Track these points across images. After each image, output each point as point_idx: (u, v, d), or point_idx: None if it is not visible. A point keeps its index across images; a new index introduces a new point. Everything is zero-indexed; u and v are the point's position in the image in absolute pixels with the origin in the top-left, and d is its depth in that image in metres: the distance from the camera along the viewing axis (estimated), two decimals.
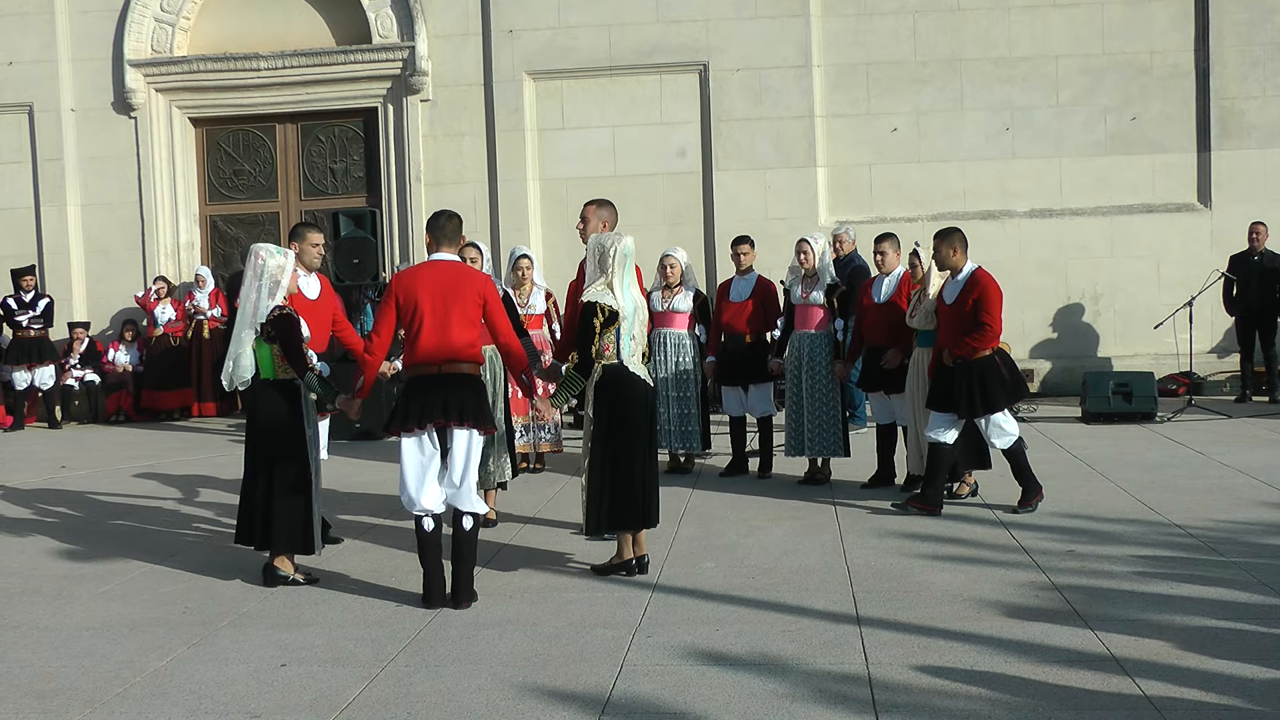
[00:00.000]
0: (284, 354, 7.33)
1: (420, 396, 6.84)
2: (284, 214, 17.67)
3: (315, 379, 7.43)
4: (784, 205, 16.30)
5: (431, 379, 6.86)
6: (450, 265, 7.06)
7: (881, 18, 16.36)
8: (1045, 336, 16.26)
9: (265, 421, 7.43)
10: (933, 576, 7.19)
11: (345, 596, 7.16)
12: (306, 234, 8.67)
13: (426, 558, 6.91)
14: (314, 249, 8.65)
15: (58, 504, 10.50)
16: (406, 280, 6.98)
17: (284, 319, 7.34)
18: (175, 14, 17.28)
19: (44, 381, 16.44)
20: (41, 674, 5.92)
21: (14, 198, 17.49)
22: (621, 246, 7.34)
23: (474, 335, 6.98)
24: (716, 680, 5.50)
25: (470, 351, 6.95)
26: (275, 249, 7.48)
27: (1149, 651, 5.66)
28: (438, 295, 6.88)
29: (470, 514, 6.93)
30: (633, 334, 7.33)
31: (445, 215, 7.20)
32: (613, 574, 7.38)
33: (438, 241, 7.12)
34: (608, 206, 8.46)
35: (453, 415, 6.80)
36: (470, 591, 6.89)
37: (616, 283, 7.30)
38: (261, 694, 5.54)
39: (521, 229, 16.36)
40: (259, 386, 7.45)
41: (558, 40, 16.62)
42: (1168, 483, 9.79)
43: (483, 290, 7.02)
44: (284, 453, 7.39)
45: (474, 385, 6.98)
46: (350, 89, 17.23)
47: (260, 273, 7.36)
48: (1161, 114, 16.13)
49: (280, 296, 7.38)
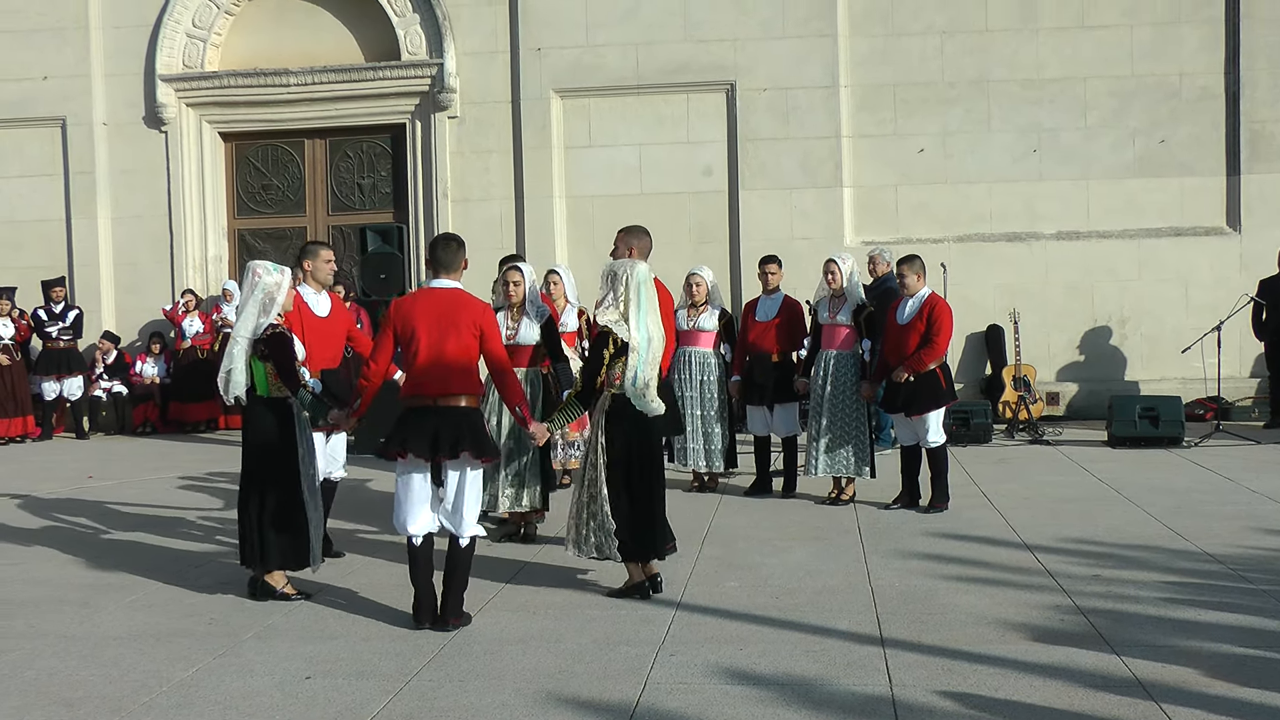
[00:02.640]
0: (277, 372, 7.31)
1: (413, 427, 6.78)
2: (311, 229, 17.76)
3: (307, 396, 7.40)
4: (810, 225, 16.31)
5: (426, 410, 6.80)
6: (448, 293, 6.96)
7: (909, 38, 16.37)
8: (1071, 359, 16.20)
9: (257, 439, 7.42)
10: (957, 598, 7.16)
11: (370, 610, 7.17)
12: (319, 251, 8.67)
13: (416, 574, 6.84)
14: (326, 265, 8.65)
15: (85, 514, 10.56)
16: (405, 308, 6.94)
17: (277, 338, 7.31)
18: (207, 30, 17.41)
19: (72, 392, 16.56)
20: (69, 682, 5.95)
21: (46, 210, 17.63)
22: (634, 275, 7.20)
23: (469, 363, 6.91)
24: (740, 700, 5.49)
25: (466, 381, 6.87)
26: (272, 267, 7.46)
27: (1176, 678, 5.62)
28: (433, 323, 6.82)
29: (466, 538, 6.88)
30: (643, 370, 7.13)
31: (444, 241, 7.14)
32: (627, 598, 7.33)
33: (437, 268, 7.05)
34: (638, 233, 8.32)
35: (443, 449, 6.72)
36: (458, 611, 6.81)
37: (632, 312, 7.14)
38: (286, 706, 5.55)
39: (547, 247, 16.40)
40: (252, 403, 7.44)
41: (585, 59, 16.67)
42: (1195, 508, 9.74)
43: (479, 320, 6.91)
44: (275, 470, 7.37)
45: (469, 417, 6.87)
46: (379, 105, 17.32)
47: (256, 290, 7.34)
48: (1191, 136, 16.08)
49: (274, 314, 7.34)
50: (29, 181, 17.64)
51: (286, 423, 7.41)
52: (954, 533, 9.00)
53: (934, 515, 9.69)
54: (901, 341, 10.02)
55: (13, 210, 17.64)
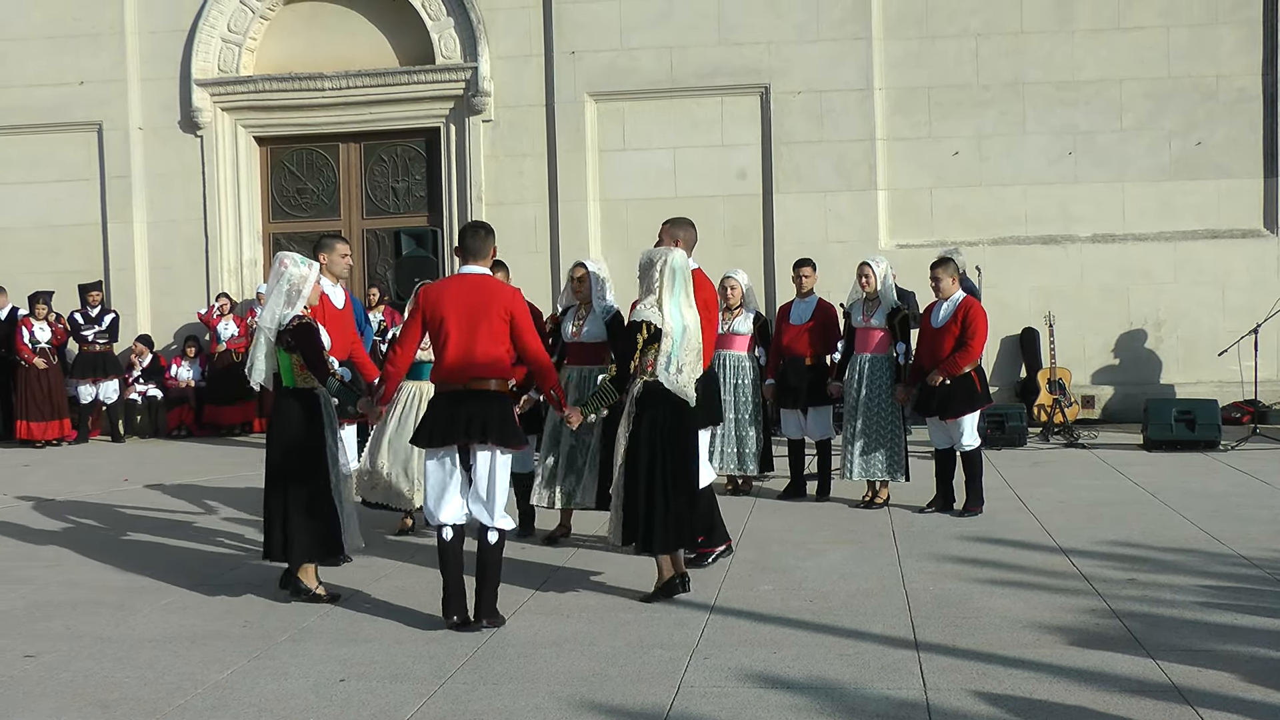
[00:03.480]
0: (304, 363, 7.31)
1: (442, 413, 6.78)
2: (346, 232, 17.80)
3: (336, 383, 7.43)
4: (844, 228, 16.28)
5: (456, 395, 6.78)
6: (477, 279, 6.93)
7: (944, 41, 16.32)
8: (1107, 362, 16.11)
9: (284, 431, 7.39)
10: (992, 602, 7.13)
11: (403, 613, 7.18)
12: (335, 245, 9.00)
13: (445, 567, 6.81)
14: (343, 259, 9.00)
15: (120, 516, 10.63)
16: (433, 295, 6.89)
17: (303, 328, 7.31)
18: (242, 34, 17.51)
19: (108, 396, 16.68)
20: (105, 684, 5.99)
21: (82, 214, 17.76)
22: (669, 262, 7.18)
23: (500, 351, 6.85)
24: (774, 703, 5.47)
25: (496, 368, 6.83)
26: (300, 259, 7.50)
27: (1213, 682, 5.58)
28: (463, 310, 6.78)
29: (495, 529, 6.84)
30: (677, 355, 7.11)
31: (473, 228, 7.09)
32: (660, 598, 7.28)
33: (466, 255, 7.01)
34: (683, 225, 8.23)
35: (474, 434, 6.69)
36: (491, 610, 6.77)
37: (666, 299, 7.12)
38: (321, 708, 5.57)
39: (581, 249, 16.40)
40: (279, 396, 7.44)
41: (619, 62, 16.69)
42: (1231, 512, 9.67)
43: (509, 306, 6.87)
44: (303, 461, 7.34)
45: (498, 401, 6.82)
46: (413, 109, 17.39)
47: (282, 281, 7.37)
48: (1227, 138, 15.97)
49: (300, 306, 7.36)
50: (66, 186, 17.78)
51: (314, 413, 7.38)
52: (989, 536, 8.96)
53: (969, 519, 9.66)
54: (936, 344, 10.01)
55: (49, 214, 17.78)
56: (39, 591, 7.94)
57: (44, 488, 12.35)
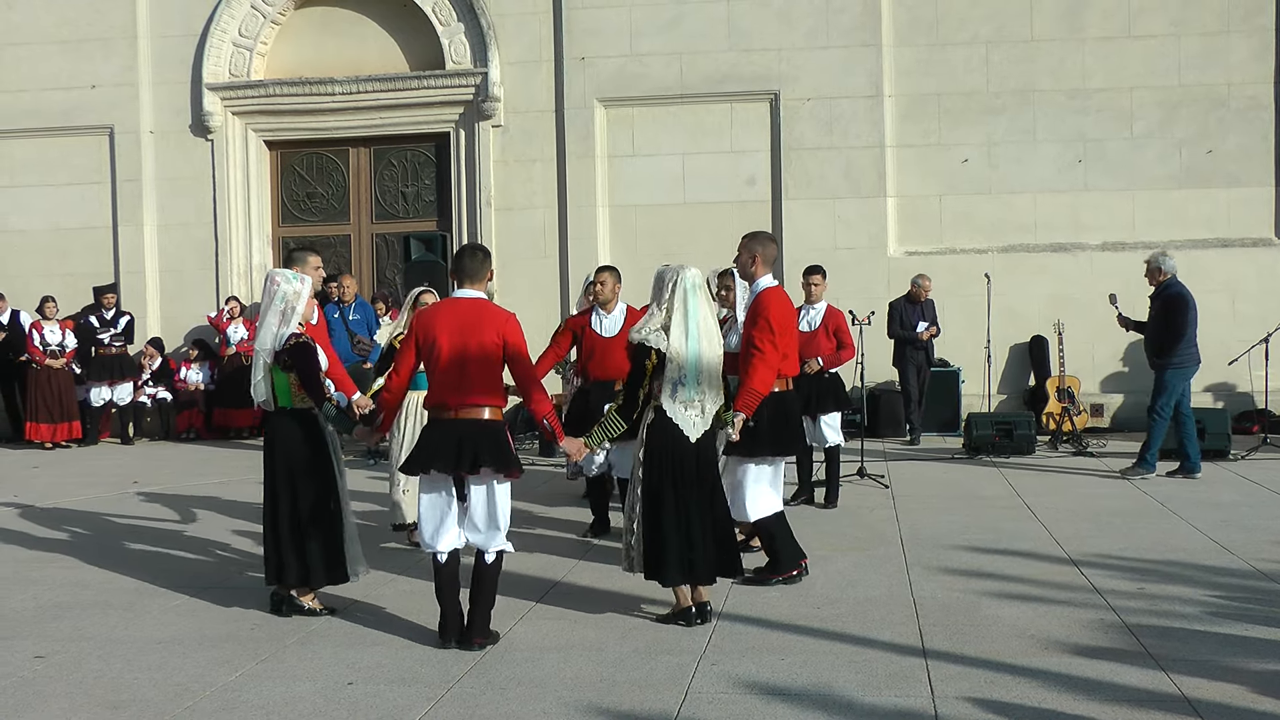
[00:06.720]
0: (300, 383, 7.12)
1: (434, 442, 6.59)
2: (355, 236, 17.87)
3: (332, 409, 7.19)
4: (853, 235, 16.28)
5: (448, 424, 6.58)
6: (471, 303, 6.75)
7: (953, 48, 16.31)
8: (1116, 370, 16.08)
9: (285, 451, 7.21)
10: (1000, 611, 7.12)
11: (413, 617, 7.18)
12: (307, 258, 8.35)
13: (441, 593, 6.63)
14: (315, 272, 8.42)
15: (129, 519, 10.66)
16: (427, 318, 6.74)
17: (300, 347, 7.12)
18: (253, 39, 17.55)
19: (121, 398, 16.72)
20: (114, 685, 6.00)
21: (93, 217, 17.81)
22: (681, 280, 6.80)
23: (493, 375, 6.66)
24: (781, 711, 5.47)
25: (489, 393, 6.63)
26: (292, 275, 7.33)
27: (1223, 694, 5.56)
28: (456, 334, 6.59)
29: (494, 551, 6.67)
30: (690, 386, 6.75)
31: (470, 251, 6.90)
32: (671, 624, 6.96)
33: (462, 278, 6.83)
34: (763, 240, 7.83)
35: (464, 465, 6.49)
36: (484, 630, 6.57)
37: (676, 321, 6.74)
38: (329, 711, 5.57)
39: (590, 255, 16.41)
40: (277, 415, 7.25)
41: (629, 68, 16.70)
42: (1241, 522, 9.65)
43: (503, 330, 6.67)
44: (307, 483, 7.17)
45: (491, 430, 6.61)
46: (423, 114, 17.40)
47: (275, 299, 7.19)
48: (1239, 147, 15.95)
49: (294, 324, 7.18)
50: (77, 189, 17.83)
51: (314, 432, 7.21)
52: (997, 545, 8.94)
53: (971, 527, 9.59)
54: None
55: (60, 217, 17.83)
56: (49, 593, 7.96)
57: (53, 490, 12.39)
